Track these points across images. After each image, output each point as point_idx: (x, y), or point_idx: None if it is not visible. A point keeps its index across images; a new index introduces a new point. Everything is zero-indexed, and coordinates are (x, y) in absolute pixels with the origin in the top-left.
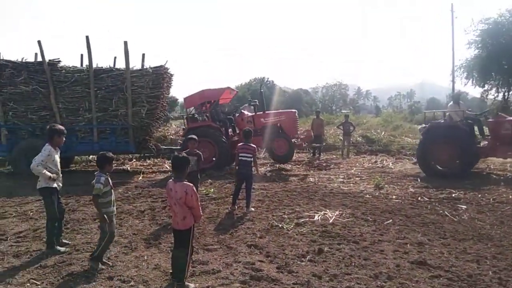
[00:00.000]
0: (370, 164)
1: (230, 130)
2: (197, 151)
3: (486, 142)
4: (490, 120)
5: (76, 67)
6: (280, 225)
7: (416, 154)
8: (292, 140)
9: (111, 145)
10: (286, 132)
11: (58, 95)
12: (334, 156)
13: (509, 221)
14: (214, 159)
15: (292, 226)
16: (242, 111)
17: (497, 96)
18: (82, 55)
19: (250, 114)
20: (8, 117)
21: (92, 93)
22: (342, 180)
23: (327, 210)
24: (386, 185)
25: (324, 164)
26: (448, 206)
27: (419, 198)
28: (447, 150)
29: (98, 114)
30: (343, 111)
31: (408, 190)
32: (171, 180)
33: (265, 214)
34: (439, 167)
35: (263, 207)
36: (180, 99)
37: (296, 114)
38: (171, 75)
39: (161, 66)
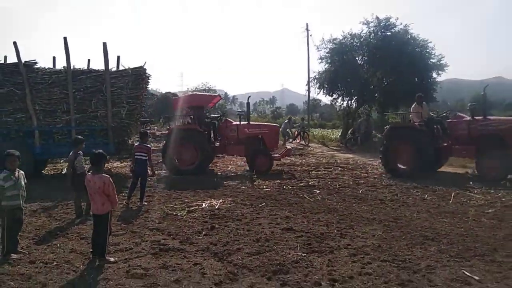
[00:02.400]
0: (242, 163)
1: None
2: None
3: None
4: (449, 120)
5: (52, 69)
6: (174, 213)
7: (380, 154)
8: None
9: (90, 147)
10: (266, 144)
11: (34, 97)
12: None
13: (349, 199)
14: (196, 162)
15: (185, 213)
16: (228, 119)
17: (343, 104)
18: (54, 58)
19: (235, 123)
20: None
21: (70, 95)
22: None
23: (212, 200)
24: (257, 179)
25: None
26: (306, 191)
27: (284, 187)
28: (406, 150)
29: (76, 115)
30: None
31: (276, 181)
32: (89, 173)
33: (158, 206)
34: (401, 166)
35: (154, 201)
36: None
37: (279, 129)
38: (149, 75)
39: (140, 67)
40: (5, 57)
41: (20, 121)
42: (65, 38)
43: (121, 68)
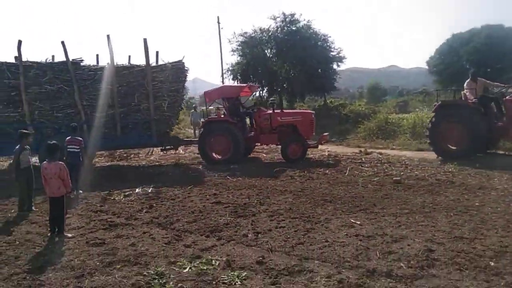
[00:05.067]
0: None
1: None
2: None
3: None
4: (507, 98)
5: (97, 65)
6: (112, 198)
7: (428, 134)
8: (307, 141)
9: (134, 139)
10: (301, 132)
11: (82, 93)
12: None
13: (265, 177)
14: (229, 153)
15: (122, 197)
16: (261, 107)
17: (256, 93)
18: (97, 55)
19: (268, 111)
20: (34, 116)
21: (115, 90)
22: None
23: (144, 185)
24: (183, 166)
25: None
26: (229, 174)
27: (207, 172)
28: (458, 129)
29: (120, 109)
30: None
31: (200, 167)
32: (45, 162)
33: (94, 193)
34: (451, 147)
35: (88, 189)
36: None
37: (313, 115)
38: (187, 69)
39: (179, 61)
40: (53, 56)
41: (70, 116)
42: (108, 36)
43: (160, 62)
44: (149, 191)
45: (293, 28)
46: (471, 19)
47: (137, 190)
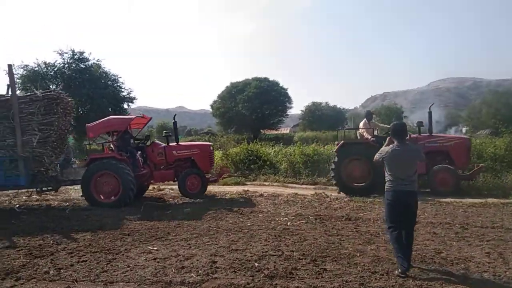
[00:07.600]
0: None
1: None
2: None
3: None
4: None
5: None
6: None
7: (333, 171)
8: (206, 175)
9: None
10: (199, 166)
11: None
12: None
13: (57, 218)
14: (118, 194)
15: None
16: (155, 141)
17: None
18: None
19: (162, 145)
20: None
21: None
22: None
23: None
24: None
25: None
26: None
27: None
28: (360, 166)
29: None
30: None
31: None
32: None
33: None
34: (354, 184)
35: None
36: None
37: (211, 148)
38: (68, 99)
39: (53, 90)
40: None
41: None
42: None
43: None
44: None
45: (82, 66)
46: (245, 72)
47: None
